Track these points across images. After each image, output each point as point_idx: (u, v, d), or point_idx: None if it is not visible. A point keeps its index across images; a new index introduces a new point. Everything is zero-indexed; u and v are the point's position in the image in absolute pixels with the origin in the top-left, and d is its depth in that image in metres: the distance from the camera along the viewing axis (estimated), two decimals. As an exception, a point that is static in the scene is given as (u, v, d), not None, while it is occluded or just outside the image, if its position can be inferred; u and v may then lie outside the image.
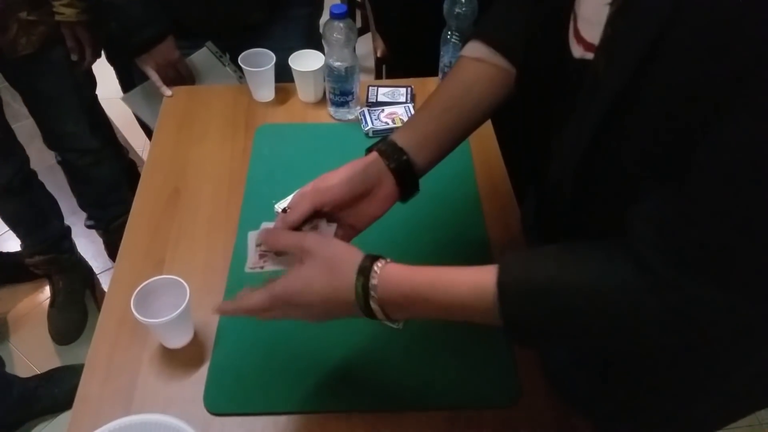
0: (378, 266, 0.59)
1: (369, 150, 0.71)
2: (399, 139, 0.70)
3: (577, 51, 0.55)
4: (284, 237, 0.65)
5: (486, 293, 0.54)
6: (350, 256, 0.61)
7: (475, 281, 0.56)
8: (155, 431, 0.72)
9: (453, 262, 0.91)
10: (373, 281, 0.58)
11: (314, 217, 0.67)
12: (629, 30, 0.46)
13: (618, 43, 0.48)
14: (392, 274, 0.59)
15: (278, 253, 0.67)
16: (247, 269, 0.68)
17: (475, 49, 0.73)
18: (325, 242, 0.63)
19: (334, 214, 0.68)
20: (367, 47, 2.16)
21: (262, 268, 0.68)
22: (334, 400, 0.78)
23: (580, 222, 0.63)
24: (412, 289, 0.58)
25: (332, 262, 0.60)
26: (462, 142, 0.74)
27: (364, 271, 0.59)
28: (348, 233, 0.70)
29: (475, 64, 0.72)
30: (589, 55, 0.53)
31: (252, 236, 0.69)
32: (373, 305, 0.59)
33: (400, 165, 0.69)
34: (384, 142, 0.70)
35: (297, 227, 0.66)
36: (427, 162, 0.71)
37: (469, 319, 0.57)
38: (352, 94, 1.14)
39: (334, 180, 0.67)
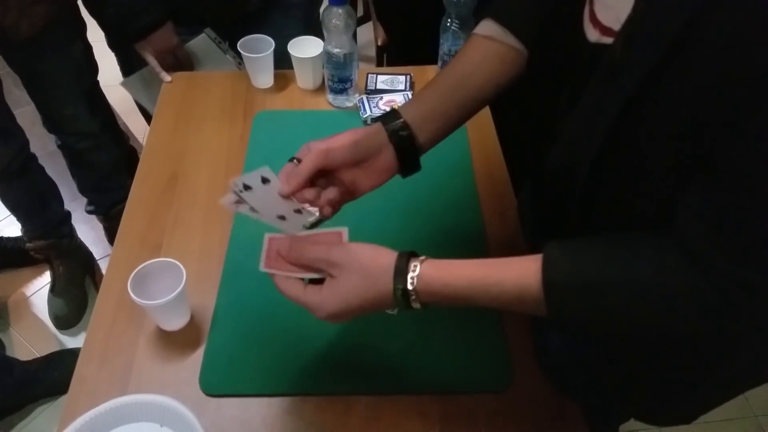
0: (413, 270, 0.58)
1: (374, 120, 0.70)
2: (404, 113, 0.70)
3: (593, 35, 0.54)
4: (309, 251, 0.62)
5: (530, 291, 0.54)
6: (382, 260, 0.59)
7: (517, 279, 0.55)
8: (151, 412, 0.73)
9: (450, 250, 0.93)
10: (412, 286, 0.57)
11: (318, 178, 0.67)
12: (657, 15, 0.45)
13: (644, 28, 0.47)
14: (430, 277, 0.58)
15: None
16: (261, 268, 0.66)
17: (486, 27, 0.72)
18: (352, 252, 0.61)
19: (335, 176, 0.68)
20: (368, 36, 2.16)
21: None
22: (328, 383, 0.78)
23: (583, 210, 0.62)
24: (453, 291, 0.58)
25: (366, 272, 0.59)
26: (467, 120, 0.74)
27: (401, 277, 0.58)
28: (343, 198, 0.69)
29: (486, 43, 0.71)
30: (606, 39, 0.52)
31: (268, 239, 0.68)
32: (415, 306, 0.59)
33: (401, 139, 0.68)
34: (389, 115, 0.70)
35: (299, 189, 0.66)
36: (429, 138, 0.71)
37: (513, 310, 0.57)
38: (350, 81, 1.14)
39: (341, 141, 0.66)
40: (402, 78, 1.21)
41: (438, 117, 0.70)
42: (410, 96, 1.17)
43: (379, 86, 1.20)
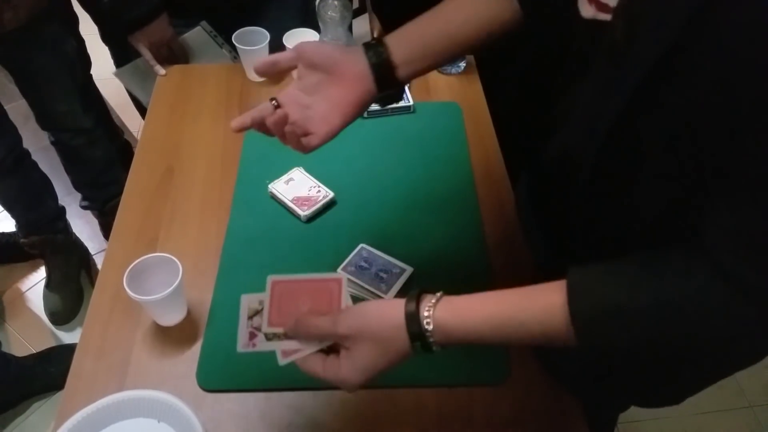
0: (428, 323, 0.55)
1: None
2: (390, 51, 0.66)
3: (588, 11, 0.53)
4: (314, 328, 0.59)
5: (558, 326, 0.51)
6: (391, 319, 0.56)
7: (543, 316, 0.52)
8: (148, 407, 0.73)
9: (446, 245, 0.92)
10: (431, 339, 0.55)
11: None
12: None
13: (649, 11, 0.45)
14: (448, 325, 0.55)
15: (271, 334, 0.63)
16: (239, 349, 0.63)
17: None
18: (358, 318, 0.58)
19: (310, 100, 0.65)
20: (364, 28, 2.14)
21: (254, 346, 0.63)
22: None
23: (585, 199, 0.61)
24: (476, 337, 0.55)
25: (379, 337, 0.57)
26: (450, 59, 0.70)
27: (417, 332, 0.55)
28: (326, 126, 0.64)
29: None
30: (603, 16, 0.51)
31: (246, 303, 0.65)
32: (436, 350, 0.57)
33: (373, 48, 0.65)
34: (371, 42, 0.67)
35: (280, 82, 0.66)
36: (408, 76, 0.66)
37: (539, 345, 0.56)
38: (346, 73, 1.13)
39: (314, 43, 0.66)
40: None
41: (420, 60, 0.66)
42: (407, 89, 1.16)
43: (376, 79, 1.19)
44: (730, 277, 0.45)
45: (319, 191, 0.97)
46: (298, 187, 0.98)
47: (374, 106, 1.11)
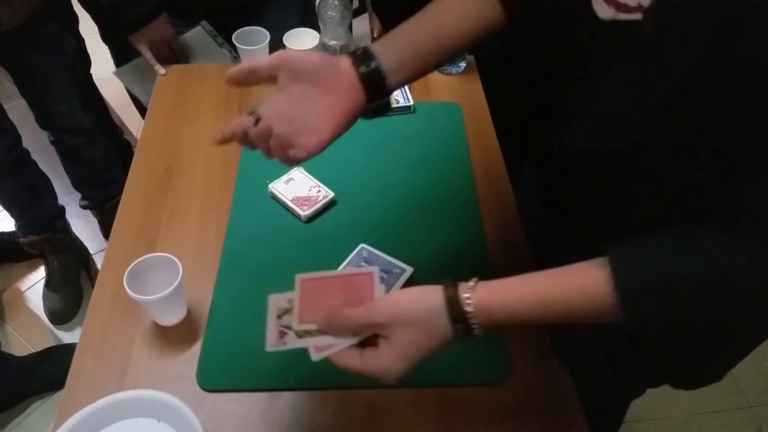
0: (468, 304, 0.54)
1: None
2: (379, 58, 0.63)
3: (606, 12, 0.52)
4: (349, 320, 0.58)
5: (601, 301, 0.51)
6: (430, 302, 0.56)
7: (584, 292, 0.52)
8: (148, 407, 0.73)
9: (447, 245, 0.92)
10: (473, 320, 0.55)
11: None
12: None
13: (682, 8, 0.45)
14: (489, 307, 0.55)
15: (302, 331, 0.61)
16: (267, 348, 0.61)
17: None
18: (396, 305, 0.57)
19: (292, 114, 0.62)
20: (364, 28, 2.14)
21: (285, 345, 0.61)
22: (326, 377, 0.78)
23: (618, 193, 0.60)
24: (517, 316, 0.55)
25: (418, 322, 0.55)
26: (439, 64, 0.68)
27: (458, 315, 0.55)
28: (315, 138, 0.62)
29: None
30: (624, 16, 0.51)
31: (274, 303, 0.63)
32: (477, 333, 0.56)
33: (361, 57, 0.62)
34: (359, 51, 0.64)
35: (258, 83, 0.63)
36: (396, 62, 0.62)
37: (579, 323, 0.54)
38: (346, 73, 1.13)
39: (299, 51, 0.63)
40: (398, 70, 1.20)
41: (410, 67, 0.64)
42: (407, 89, 1.16)
43: (376, 79, 1.19)
44: None
45: (319, 191, 0.97)
46: (298, 187, 0.98)
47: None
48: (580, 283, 0.53)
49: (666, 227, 0.52)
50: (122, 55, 1.36)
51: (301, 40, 1.16)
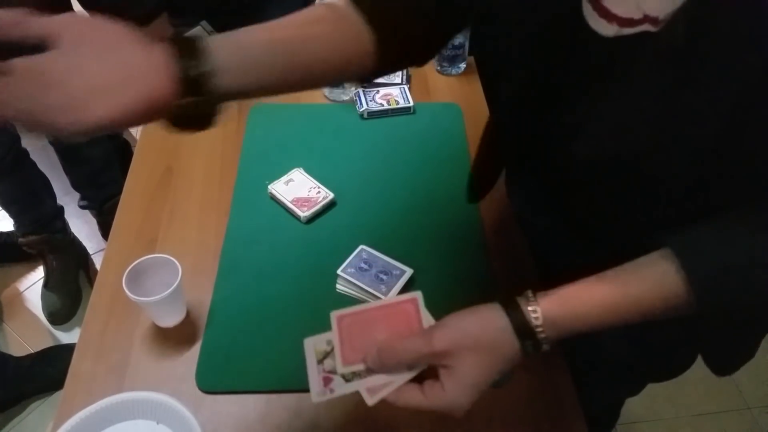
0: (535, 318, 0.51)
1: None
2: (215, 51, 0.49)
3: (608, 29, 0.51)
4: (404, 353, 0.52)
5: (675, 295, 0.50)
6: (492, 321, 0.52)
7: (658, 289, 0.50)
8: (147, 409, 0.72)
9: (446, 246, 0.92)
10: (543, 335, 0.52)
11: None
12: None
13: (711, 15, 0.44)
14: (557, 318, 0.51)
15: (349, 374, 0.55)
16: (314, 400, 0.55)
17: None
18: (457, 330, 0.53)
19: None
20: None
21: (332, 392, 0.55)
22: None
23: (611, 198, 0.60)
24: (588, 323, 0.52)
25: (485, 345, 0.52)
26: (286, 85, 0.55)
27: (527, 332, 0.51)
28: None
29: (326, 9, 0.58)
30: (629, 30, 0.49)
31: (311, 346, 0.57)
32: (545, 348, 0.53)
33: (187, 38, 0.49)
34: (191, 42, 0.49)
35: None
36: (226, 61, 0.49)
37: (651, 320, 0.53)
38: (346, 74, 1.12)
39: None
40: (398, 71, 1.20)
41: (249, 70, 0.52)
42: (407, 90, 1.16)
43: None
44: None
45: (319, 192, 0.97)
46: (298, 188, 0.98)
47: (374, 108, 1.12)
48: (652, 279, 0.51)
49: (679, 226, 0.52)
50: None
51: (301, 40, 1.16)
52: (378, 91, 1.15)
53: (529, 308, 0.51)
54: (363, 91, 1.15)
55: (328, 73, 0.58)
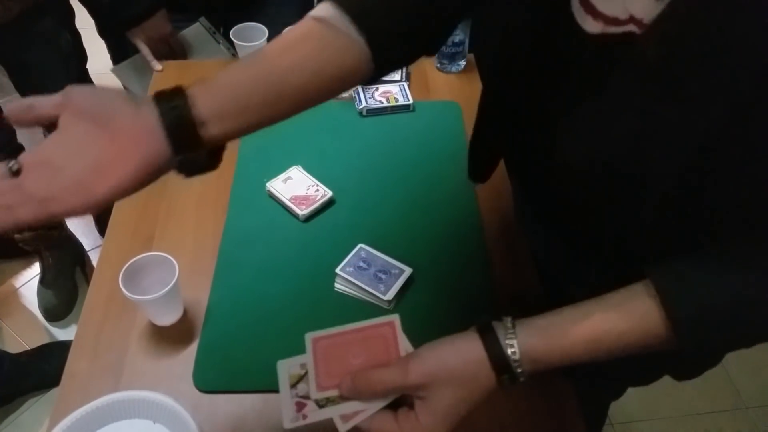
0: (514, 353, 0.50)
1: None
2: (195, 97, 0.50)
3: (594, 26, 0.50)
4: (378, 384, 0.52)
5: (656, 331, 0.49)
6: (470, 353, 0.51)
7: (640, 325, 0.50)
8: (144, 408, 0.72)
9: (446, 245, 0.92)
10: (520, 369, 0.51)
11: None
12: (704, 15, 0.41)
13: (686, 28, 0.43)
14: (536, 352, 0.51)
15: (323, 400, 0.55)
16: (285, 426, 0.55)
17: (321, 9, 0.57)
18: (432, 363, 0.52)
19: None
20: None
21: (305, 418, 0.55)
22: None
23: (591, 210, 0.59)
24: (568, 358, 0.52)
25: (461, 377, 0.51)
26: (282, 113, 0.55)
27: (504, 366, 0.51)
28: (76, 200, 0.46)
29: (312, 23, 0.56)
30: (613, 29, 0.49)
31: (285, 370, 0.57)
32: (523, 380, 0.53)
33: (167, 99, 0.49)
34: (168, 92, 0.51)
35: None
36: (214, 109, 0.50)
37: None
38: (346, 71, 1.12)
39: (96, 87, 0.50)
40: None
41: (236, 115, 0.51)
42: (407, 87, 1.15)
43: (375, 77, 1.18)
44: None
45: (317, 190, 0.96)
46: (297, 186, 0.97)
47: (373, 106, 1.11)
48: (634, 316, 0.50)
49: (665, 240, 0.51)
50: (119, 50, 1.35)
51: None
52: (377, 89, 1.14)
53: (507, 341, 0.51)
54: (362, 88, 1.14)
55: (324, 89, 0.57)
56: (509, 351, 0.50)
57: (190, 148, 0.49)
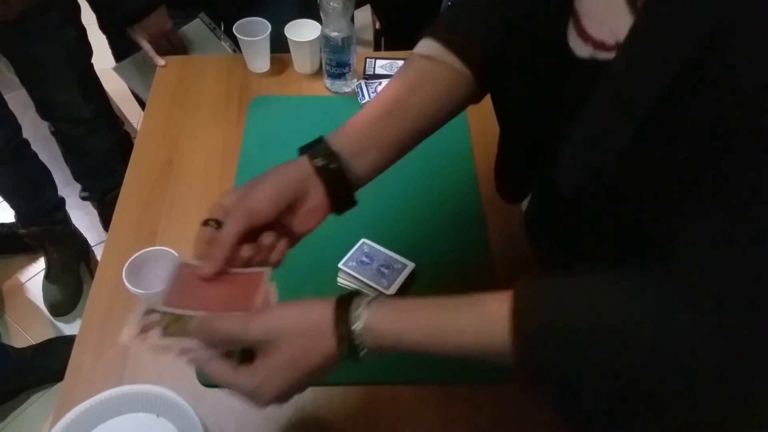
0: (356, 323, 0.50)
1: (301, 150, 0.62)
2: (333, 143, 0.60)
3: (584, 50, 0.49)
4: (221, 331, 0.52)
5: (495, 337, 0.48)
6: (318, 317, 0.51)
7: (482, 325, 0.49)
8: (148, 402, 0.72)
9: (449, 240, 0.91)
10: (358, 341, 0.51)
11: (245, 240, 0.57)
12: (664, 32, 0.41)
13: (649, 45, 0.42)
14: (379, 328, 0.51)
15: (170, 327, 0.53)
16: (120, 341, 0.53)
17: (426, 46, 0.64)
18: (277, 320, 0.52)
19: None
20: (366, 19, 2.12)
21: (145, 340, 0.53)
22: (326, 374, 0.78)
23: (587, 232, 0.58)
24: (408, 341, 0.51)
25: (303, 337, 0.51)
26: (413, 147, 0.66)
27: (344, 335, 0.51)
28: (283, 245, 0.60)
29: (424, 63, 0.64)
30: (602, 54, 0.47)
31: (144, 300, 0.56)
32: (365, 360, 0.52)
33: (330, 174, 0.59)
34: (316, 145, 0.61)
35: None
36: (365, 170, 0.62)
37: (476, 360, 0.51)
38: (348, 65, 1.12)
39: (261, 194, 0.57)
40: (401, 63, 1.19)
41: (372, 146, 0.62)
42: (409, 81, 1.15)
43: (378, 71, 1.18)
44: (693, 305, 0.42)
45: (320, 185, 0.96)
46: (299, 181, 0.97)
47: (367, 99, 1.10)
48: (480, 316, 0.49)
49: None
50: (120, 47, 1.35)
51: (303, 31, 1.15)
52: (380, 83, 1.14)
53: (356, 313, 0.51)
54: (365, 82, 1.14)
55: (441, 119, 0.66)
56: (355, 322, 0.50)
57: (348, 206, 0.64)
